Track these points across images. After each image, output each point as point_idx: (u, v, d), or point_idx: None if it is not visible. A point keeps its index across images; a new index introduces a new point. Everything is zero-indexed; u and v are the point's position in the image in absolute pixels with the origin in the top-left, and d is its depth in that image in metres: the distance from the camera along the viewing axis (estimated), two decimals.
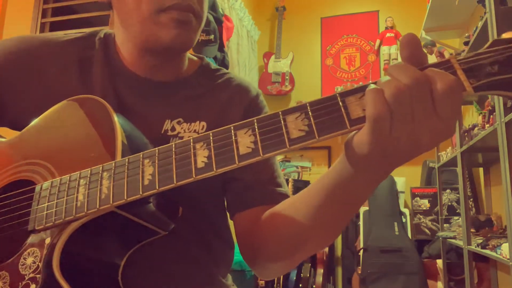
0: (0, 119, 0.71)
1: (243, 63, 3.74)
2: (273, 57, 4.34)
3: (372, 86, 0.42)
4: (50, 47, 0.72)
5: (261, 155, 0.45)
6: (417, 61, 0.43)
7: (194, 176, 0.47)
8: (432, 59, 3.51)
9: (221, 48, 2.89)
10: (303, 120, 0.44)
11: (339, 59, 4.34)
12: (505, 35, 0.44)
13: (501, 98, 1.71)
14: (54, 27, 2.74)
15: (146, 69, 0.71)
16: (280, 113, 0.46)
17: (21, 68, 0.70)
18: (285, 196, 0.71)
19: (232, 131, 0.47)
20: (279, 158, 4.15)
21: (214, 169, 0.46)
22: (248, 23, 3.90)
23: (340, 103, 0.44)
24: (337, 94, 0.44)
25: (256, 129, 0.46)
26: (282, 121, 0.45)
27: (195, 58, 0.80)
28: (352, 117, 0.43)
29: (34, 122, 0.63)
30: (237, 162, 0.45)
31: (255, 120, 0.46)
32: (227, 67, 2.92)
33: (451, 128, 0.43)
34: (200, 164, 0.47)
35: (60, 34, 0.76)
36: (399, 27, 4.21)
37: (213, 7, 2.79)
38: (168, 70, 0.73)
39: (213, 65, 0.81)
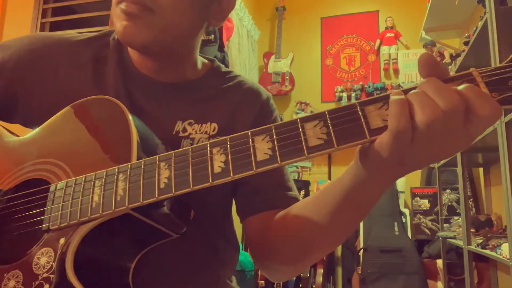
0: (13, 116, 0.71)
1: (243, 63, 3.74)
2: (273, 57, 4.34)
3: (397, 97, 0.42)
4: (65, 46, 0.73)
5: (279, 162, 0.44)
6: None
7: (210, 181, 0.46)
8: None
9: (221, 48, 2.89)
10: (321, 128, 0.44)
11: (339, 59, 4.34)
12: None
13: None
14: (54, 27, 2.74)
15: (152, 70, 0.71)
16: (298, 120, 0.45)
17: (36, 66, 0.70)
18: (295, 199, 0.71)
19: (250, 137, 0.47)
20: None
21: (231, 175, 0.46)
22: (248, 23, 3.90)
23: (360, 112, 0.43)
24: (357, 103, 0.44)
25: (274, 136, 0.45)
26: (300, 129, 0.45)
27: (206, 61, 0.80)
28: (371, 127, 0.43)
29: (49, 121, 0.63)
30: (254, 169, 0.45)
31: (273, 127, 0.46)
32: (227, 67, 2.92)
33: (472, 139, 0.43)
34: (217, 169, 0.47)
35: (74, 34, 0.76)
36: (399, 27, 4.20)
37: None
38: (173, 72, 0.73)
39: (224, 67, 0.81)
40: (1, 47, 0.72)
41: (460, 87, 0.41)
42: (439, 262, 3.10)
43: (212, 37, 2.68)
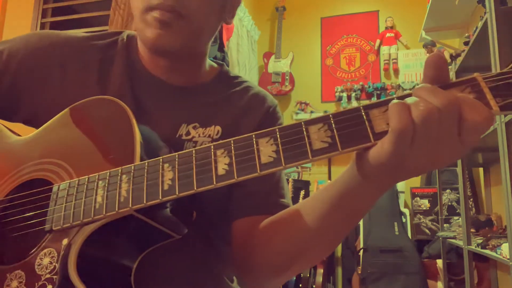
0: (15, 115, 0.71)
1: (243, 63, 3.73)
2: (273, 57, 4.34)
3: (396, 101, 0.42)
4: (72, 45, 0.72)
5: (283, 165, 0.44)
6: (441, 83, 0.43)
7: (215, 183, 0.46)
8: None
9: (221, 48, 2.88)
10: (326, 132, 0.44)
11: (339, 59, 4.34)
12: None
13: None
14: (54, 27, 2.74)
15: (163, 72, 0.71)
16: (302, 123, 0.45)
17: (42, 64, 0.70)
18: (286, 207, 0.70)
19: (254, 139, 0.47)
20: None
21: (235, 177, 0.46)
22: (248, 23, 3.90)
23: (364, 116, 0.43)
24: (361, 107, 0.44)
25: (278, 139, 0.45)
26: (304, 132, 0.45)
27: (215, 64, 0.80)
28: (376, 130, 0.43)
29: (51, 120, 0.63)
30: (258, 171, 0.45)
31: (277, 129, 0.46)
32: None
33: (468, 148, 0.43)
34: (221, 171, 0.46)
35: (80, 33, 0.76)
36: (399, 27, 4.20)
37: None
38: (184, 74, 0.73)
39: (232, 72, 0.81)
40: (9, 41, 0.72)
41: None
42: (439, 262, 3.10)
43: None
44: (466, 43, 2.36)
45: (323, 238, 0.59)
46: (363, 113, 0.44)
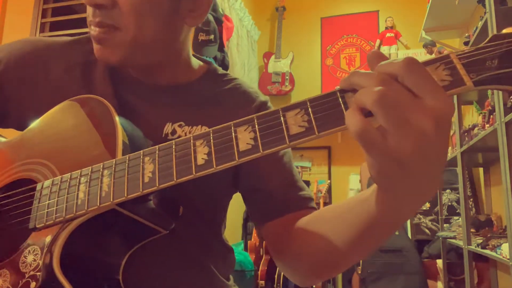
0: (7, 121, 0.71)
1: (243, 63, 3.74)
2: (273, 57, 4.34)
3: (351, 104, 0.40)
4: (55, 48, 0.73)
5: (261, 151, 0.44)
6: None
7: (194, 173, 0.46)
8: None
9: (221, 48, 2.89)
10: (302, 116, 0.44)
11: (339, 59, 4.34)
12: (505, 31, 0.44)
13: (501, 98, 1.71)
14: (54, 27, 2.74)
15: (144, 73, 0.71)
16: (280, 109, 0.45)
17: (27, 70, 0.70)
18: (309, 199, 0.70)
19: (232, 128, 0.47)
20: None
21: (214, 166, 0.46)
22: (248, 23, 3.90)
23: (340, 99, 0.43)
24: (337, 91, 0.44)
25: (256, 126, 0.45)
26: (281, 118, 0.45)
27: (202, 63, 0.79)
28: None
29: (36, 122, 0.63)
30: (237, 159, 0.45)
31: (255, 117, 0.46)
32: (227, 67, 2.93)
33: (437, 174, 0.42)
34: (200, 161, 0.47)
35: (64, 38, 0.77)
36: (399, 27, 4.20)
37: (213, 7, 2.79)
38: (165, 75, 0.72)
39: (221, 70, 0.80)
40: None
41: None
42: (439, 262, 3.11)
43: (212, 37, 2.68)
44: (466, 43, 2.37)
45: (360, 252, 0.58)
46: (338, 96, 0.44)
